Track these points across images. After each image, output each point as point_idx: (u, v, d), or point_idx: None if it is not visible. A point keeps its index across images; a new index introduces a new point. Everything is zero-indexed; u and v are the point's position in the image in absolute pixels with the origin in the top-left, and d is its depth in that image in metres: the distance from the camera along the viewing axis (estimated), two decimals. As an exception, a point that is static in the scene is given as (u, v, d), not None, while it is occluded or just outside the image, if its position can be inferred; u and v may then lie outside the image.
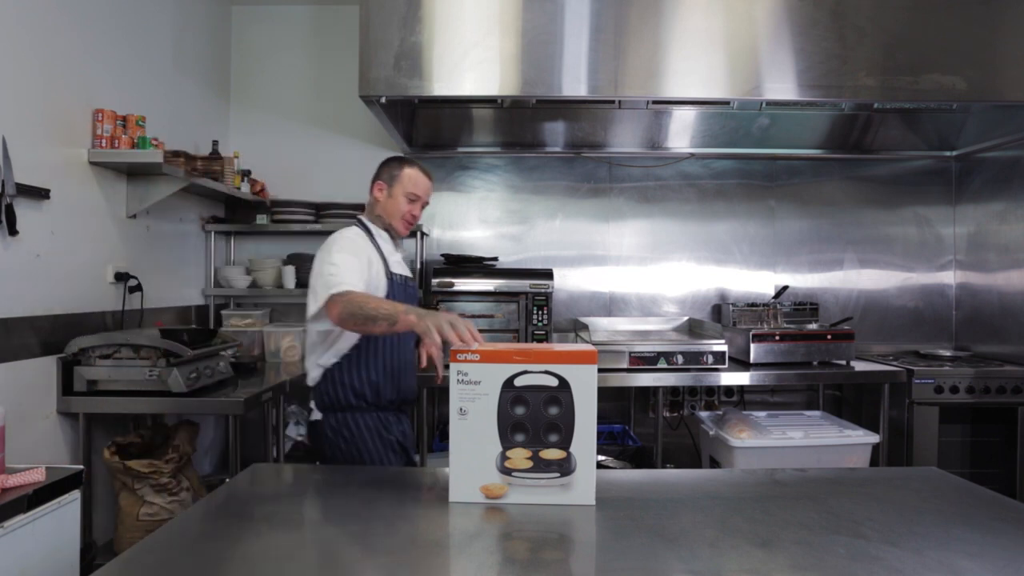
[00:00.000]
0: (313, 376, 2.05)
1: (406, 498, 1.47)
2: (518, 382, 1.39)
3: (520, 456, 1.40)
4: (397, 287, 2.06)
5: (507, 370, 1.39)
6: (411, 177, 2.12)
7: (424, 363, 1.74)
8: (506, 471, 1.39)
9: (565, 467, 1.40)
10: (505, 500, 1.40)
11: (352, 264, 1.92)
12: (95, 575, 1.05)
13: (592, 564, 1.20)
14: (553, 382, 1.40)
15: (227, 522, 1.32)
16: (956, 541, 1.22)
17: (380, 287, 2.00)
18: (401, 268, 2.16)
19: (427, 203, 2.19)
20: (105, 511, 2.67)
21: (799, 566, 1.11)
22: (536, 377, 1.40)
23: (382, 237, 2.14)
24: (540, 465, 1.40)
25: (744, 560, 1.14)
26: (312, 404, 2.07)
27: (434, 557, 1.14)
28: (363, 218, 2.19)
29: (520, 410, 1.40)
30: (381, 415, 2.04)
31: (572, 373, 1.40)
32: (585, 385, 1.40)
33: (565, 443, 1.40)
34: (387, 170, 2.16)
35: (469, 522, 1.31)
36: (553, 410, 1.40)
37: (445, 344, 1.53)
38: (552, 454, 1.40)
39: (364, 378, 1.99)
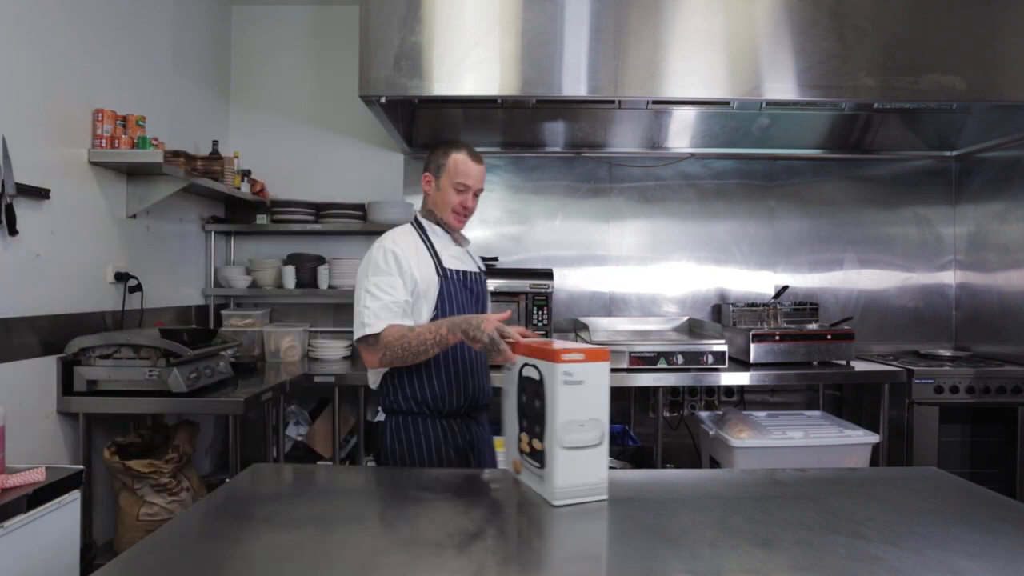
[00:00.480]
0: (373, 380, 1.98)
1: (408, 498, 1.47)
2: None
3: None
4: (454, 284, 1.91)
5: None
6: (458, 164, 1.92)
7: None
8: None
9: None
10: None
11: (386, 292, 1.80)
12: (95, 575, 1.05)
13: (592, 564, 1.20)
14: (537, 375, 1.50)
15: (227, 522, 1.32)
16: (956, 541, 1.22)
17: (431, 288, 1.88)
18: (460, 263, 1.98)
19: (481, 190, 1.99)
20: (105, 511, 2.67)
21: (799, 566, 1.11)
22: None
23: (436, 233, 1.99)
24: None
25: (744, 560, 1.14)
26: (379, 406, 1.97)
27: (434, 557, 1.14)
28: (418, 214, 2.05)
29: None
30: (444, 422, 1.89)
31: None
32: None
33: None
34: (434, 159, 1.97)
35: (468, 522, 1.30)
36: (537, 403, 1.50)
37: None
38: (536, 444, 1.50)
39: (425, 386, 1.87)
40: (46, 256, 2.38)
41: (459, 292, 1.91)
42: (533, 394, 1.45)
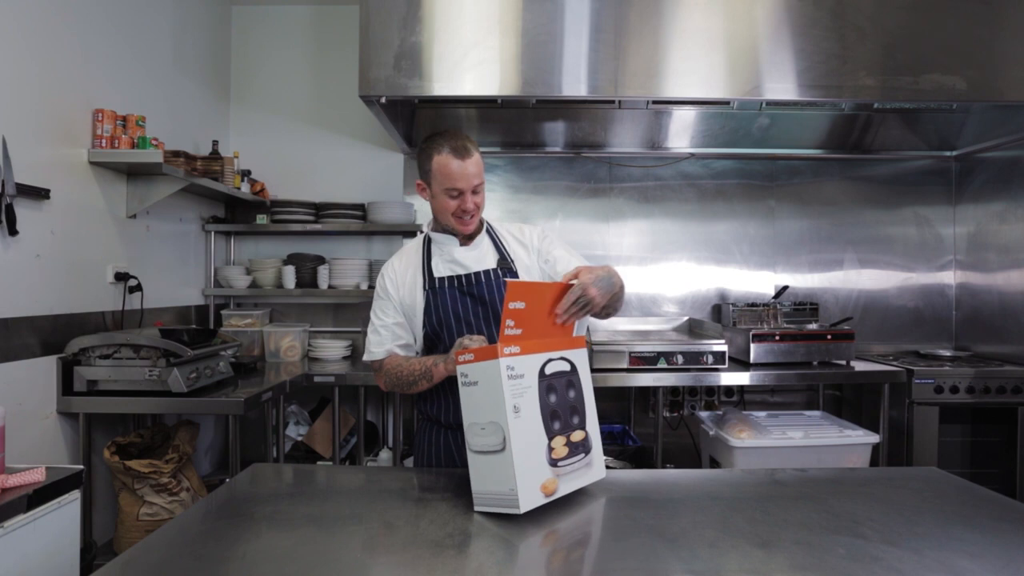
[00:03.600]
0: None
1: (408, 498, 1.47)
2: (548, 369, 1.40)
3: (560, 444, 1.39)
4: (444, 294, 1.79)
5: (541, 359, 1.39)
6: (443, 167, 1.72)
7: None
8: (553, 463, 1.37)
9: (587, 446, 1.46)
10: (556, 494, 1.37)
11: (379, 317, 1.83)
12: (95, 575, 1.05)
13: (592, 564, 1.20)
14: (567, 366, 1.45)
15: (227, 522, 1.32)
16: (956, 541, 1.22)
17: (416, 305, 1.81)
18: (462, 267, 1.82)
19: (479, 184, 1.76)
20: (105, 511, 2.67)
21: (799, 566, 1.11)
22: (557, 364, 1.43)
23: (440, 241, 1.85)
24: (573, 449, 1.42)
25: (744, 560, 1.14)
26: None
27: (433, 557, 1.14)
28: (426, 224, 1.93)
29: (552, 398, 1.40)
30: (454, 434, 1.81)
31: (577, 356, 1.48)
32: (584, 364, 1.51)
33: (583, 423, 1.46)
34: (421, 163, 1.80)
35: (468, 524, 1.30)
36: (571, 393, 1.45)
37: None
38: (578, 436, 1.44)
39: (430, 401, 1.85)
40: (46, 256, 2.38)
41: (453, 300, 1.80)
42: (565, 387, 1.46)
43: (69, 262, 2.52)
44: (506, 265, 1.83)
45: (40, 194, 2.33)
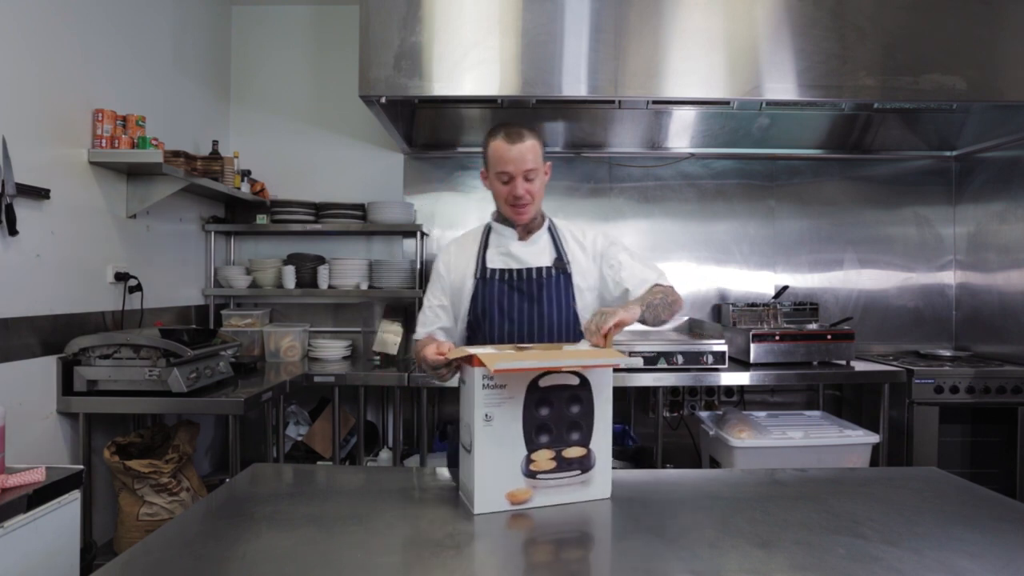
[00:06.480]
0: None
1: (408, 498, 1.47)
2: (543, 383, 1.37)
3: (544, 457, 1.38)
4: (493, 284, 1.81)
5: (535, 373, 1.36)
6: (495, 152, 1.75)
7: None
8: (531, 474, 1.36)
9: (585, 464, 1.41)
10: (529, 504, 1.36)
11: (427, 298, 1.89)
12: (95, 575, 1.05)
13: (592, 564, 1.20)
14: (575, 380, 1.40)
15: (227, 522, 1.32)
16: (956, 541, 1.22)
17: (464, 289, 1.83)
18: (515, 261, 1.82)
19: (532, 170, 1.75)
20: (105, 511, 2.67)
21: (799, 566, 1.11)
22: (560, 377, 1.39)
23: (500, 231, 1.86)
24: (563, 464, 1.39)
25: (744, 560, 1.14)
26: None
27: (433, 558, 1.14)
28: (492, 214, 1.92)
29: (545, 411, 1.38)
30: None
31: (594, 374, 1.41)
32: (603, 381, 1.43)
33: (585, 440, 1.41)
34: (484, 153, 1.81)
35: (468, 524, 1.30)
36: (575, 408, 1.41)
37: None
38: (574, 452, 1.40)
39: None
40: (46, 256, 2.38)
41: (500, 293, 1.80)
42: (568, 401, 1.41)
43: (69, 262, 2.51)
44: (561, 265, 1.84)
45: (40, 194, 2.33)
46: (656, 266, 1.89)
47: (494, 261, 1.84)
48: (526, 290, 1.80)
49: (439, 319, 1.88)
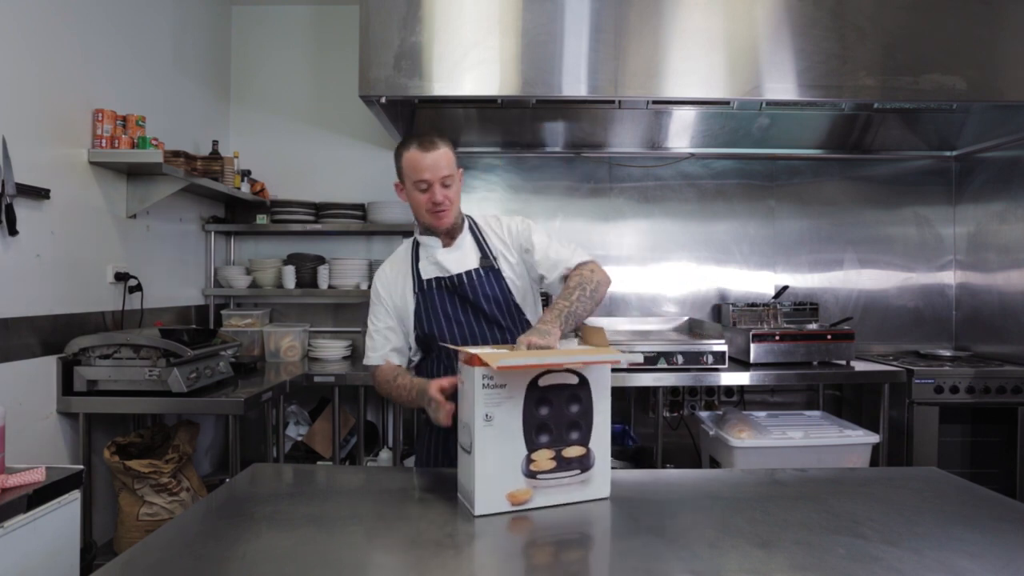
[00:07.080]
0: None
1: (408, 498, 1.47)
2: (542, 382, 1.37)
3: (545, 457, 1.37)
4: (432, 295, 1.82)
5: (535, 371, 1.36)
6: (410, 162, 1.76)
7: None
8: (531, 474, 1.36)
9: (585, 463, 1.41)
10: (529, 505, 1.36)
11: (373, 322, 1.89)
12: (95, 575, 1.05)
13: (592, 564, 1.20)
14: (574, 379, 1.40)
15: (227, 522, 1.32)
16: (956, 541, 1.22)
17: (407, 308, 1.85)
18: (446, 268, 1.83)
19: (448, 176, 1.77)
20: (105, 511, 2.67)
21: (799, 566, 1.11)
22: (559, 376, 1.38)
23: (426, 243, 1.87)
24: (563, 464, 1.39)
25: (744, 560, 1.14)
26: None
27: (432, 558, 1.14)
28: (416, 228, 1.93)
29: (544, 410, 1.38)
30: (453, 434, 1.82)
31: (593, 372, 1.41)
32: (602, 380, 1.43)
33: (585, 439, 1.41)
34: (396, 167, 1.83)
35: (468, 524, 1.30)
36: (574, 407, 1.40)
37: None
38: (573, 451, 1.40)
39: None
40: (46, 256, 2.38)
41: (442, 300, 1.82)
42: (567, 400, 1.40)
43: (69, 262, 2.51)
44: (488, 263, 1.85)
45: (40, 194, 2.33)
46: (571, 244, 1.88)
47: (428, 271, 1.85)
48: (462, 294, 1.82)
49: (389, 341, 1.87)
